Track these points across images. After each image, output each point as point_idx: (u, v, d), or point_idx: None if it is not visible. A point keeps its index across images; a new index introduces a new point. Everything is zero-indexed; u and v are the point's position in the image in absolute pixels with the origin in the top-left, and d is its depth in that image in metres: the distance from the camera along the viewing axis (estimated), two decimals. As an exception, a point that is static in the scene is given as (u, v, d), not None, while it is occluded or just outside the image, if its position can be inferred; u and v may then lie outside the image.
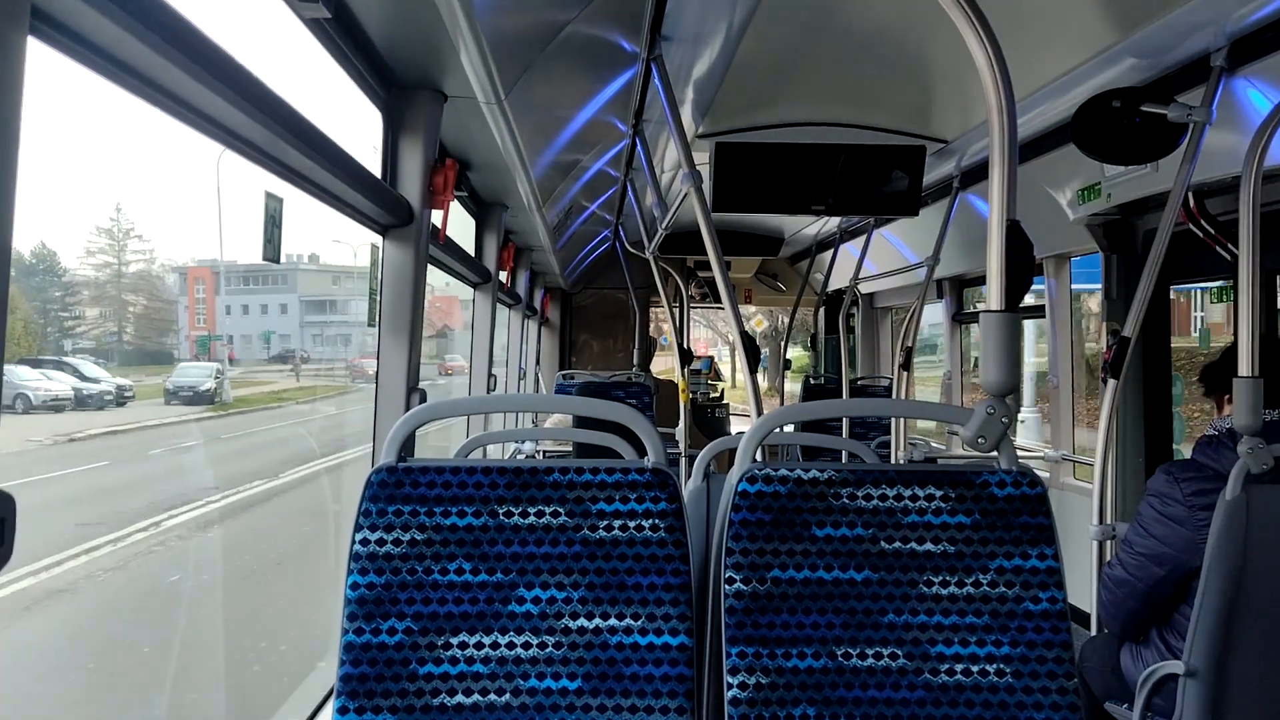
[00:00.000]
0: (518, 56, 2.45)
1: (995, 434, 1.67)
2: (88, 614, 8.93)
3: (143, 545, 10.51)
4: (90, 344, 23.13)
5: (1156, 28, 2.86)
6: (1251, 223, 2.53)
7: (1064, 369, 5.26)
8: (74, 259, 33.90)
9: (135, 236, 25.59)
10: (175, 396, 18.69)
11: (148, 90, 1.38)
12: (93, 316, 24.24)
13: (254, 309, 37.06)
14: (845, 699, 1.71)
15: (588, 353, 9.88)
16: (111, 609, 9.12)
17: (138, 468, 14.28)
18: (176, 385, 19.13)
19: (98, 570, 9.63)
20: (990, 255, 1.60)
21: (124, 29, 1.19)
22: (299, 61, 2.53)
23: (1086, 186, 4.13)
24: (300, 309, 37.47)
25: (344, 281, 37.79)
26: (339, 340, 38.06)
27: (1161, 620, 2.73)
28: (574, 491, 1.75)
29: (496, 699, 1.70)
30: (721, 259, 2.86)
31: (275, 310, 37.09)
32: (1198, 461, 2.65)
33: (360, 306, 38.20)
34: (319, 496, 14.03)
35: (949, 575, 1.74)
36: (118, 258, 25.71)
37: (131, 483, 13.41)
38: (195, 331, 33.01)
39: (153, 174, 50.01)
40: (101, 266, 25.45)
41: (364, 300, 14.59)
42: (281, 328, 36.38)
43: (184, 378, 20.08)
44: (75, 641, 8.28)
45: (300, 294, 36.77)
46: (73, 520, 10.66)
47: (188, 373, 20.90)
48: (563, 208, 5.07)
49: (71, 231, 45.00)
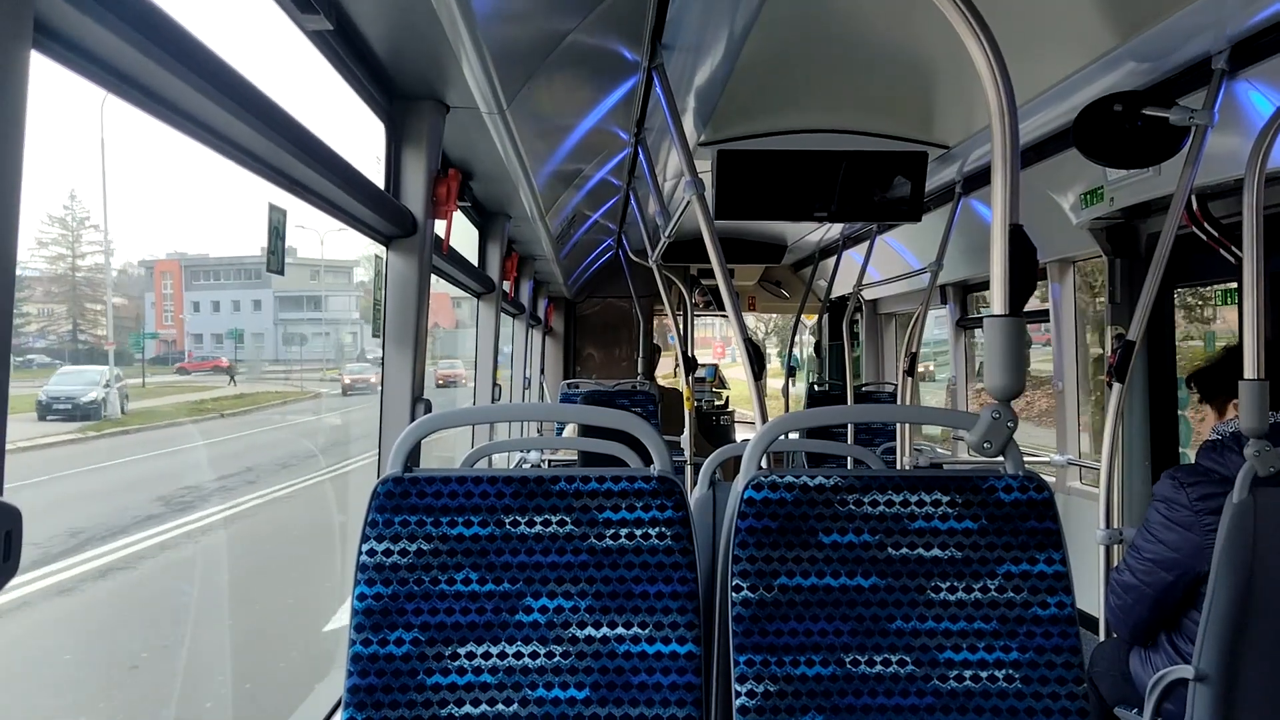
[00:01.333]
0: (519, 66, 2.46)
1: (1001, 439, 1.67)
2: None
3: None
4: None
5: (1157, 31, 2.86)
6: (1255, 225, 2.52)
7: (1069, 373, 5.25)
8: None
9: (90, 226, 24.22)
10: (50, 410, 14.66)
11: (151, 104, 1.38)
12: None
13: (225, 305, 35.42)
14: (854, 706, 1.70)
15: (592, 362, 9.88)
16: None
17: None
18: (51, 396, 15.07)
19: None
20: (993, 260, 1.60)
21: (127, 42, 1.20)
22: (302, 73, 2.54)
23: (1089, 190, 4.13)
24: (275, 305, 35.89)
25: (324, 276, 36.39)
26: (310, 340, 36.08)
27: (1170, 625, 2.72)
28: (580, 500, 1.75)
29: (505, 709, 1.70)
30: (725, 267, 2.86)
31: (248, 307, 35.34)
32: (1203, 466, 2.64)
33: (340, 302, 37.19)
34: (166, 583, 8.56)
35: (957, 581, 1.73)
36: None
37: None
38: (164, 330, 31.70)
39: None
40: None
41: (344, 295, 14.58)
42: (254, 326, 34.72)
43: (61, 386, 15.78)
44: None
45: (275, 290, 35.21)
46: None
47: (67, 381, 16.40)
48: (565, 217, 5.08)
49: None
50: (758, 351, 2.86)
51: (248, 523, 11.58)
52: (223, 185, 51.06)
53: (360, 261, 34.92)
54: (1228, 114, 2.96)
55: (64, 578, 8.39)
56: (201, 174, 28.29)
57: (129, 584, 8.73)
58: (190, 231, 59.18)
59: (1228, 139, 3.07)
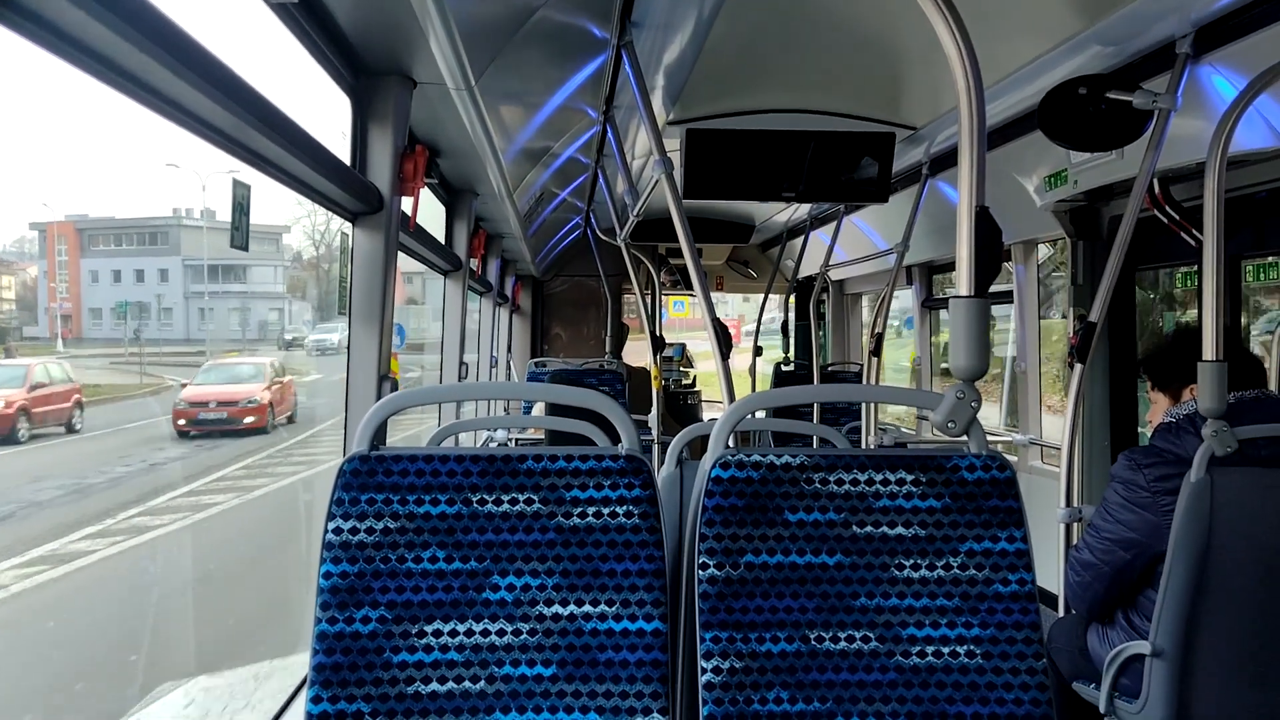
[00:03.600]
0: (487, 42, 2.44)
1: (965, 418, 1.69)
2: None
3: None
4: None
5: (1122, 15, 2.88)
6: (1216, 209, 2.56)
7: (1032, 354, 5.31)
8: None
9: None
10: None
11: (111, 75, 1.36)
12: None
13: (127, 275, 31.01)
14: (818, 682, 1.72)
15: (559, 341, 9.86)
16: None
17: None
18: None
19: None
20: (960, 241, 1.62)
21: (86, 12, 1.17)
22: (266, 47, 2.50)
23: (1054, 173, 4.17)
24: (185, 275, 31.61)
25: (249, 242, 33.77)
26: (226, 316, 31.50)
27: (1127, 602, 2.77)
28: (548, 479, 1.75)
29: (471, 686, 1.70)
30: (693, 246, 2.86)
31: (153, 277, 31.14)
32: (1158, 448, 2.69)
33: (262, 274, 32.95)
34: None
35: (919, 559, 1.76)
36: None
37: None
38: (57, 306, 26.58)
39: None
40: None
41: (269, 267, 14.15)
42: (160, 298, 30.46)
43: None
44: None
45: (185, 257, 31.11)
46: None
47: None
48: (533, 195, 5.05)
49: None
50: (725, 332, 2.86)
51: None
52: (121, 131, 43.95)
53: (290, 227, 31.47)
54: (1190, 98, 3.00)
55: None
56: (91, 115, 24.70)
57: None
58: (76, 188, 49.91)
59: (1190, 123, 3.10)
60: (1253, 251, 3.86)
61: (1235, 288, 4.02)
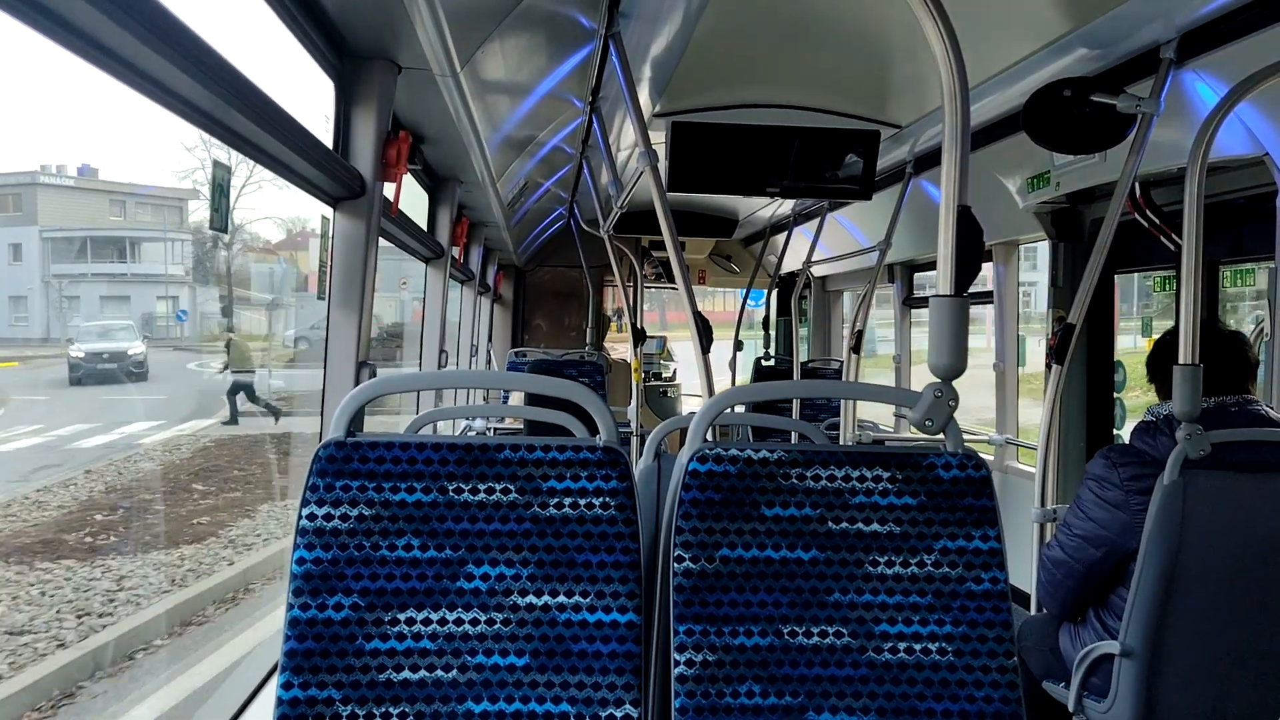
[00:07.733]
0: (474, 28, 2.42)
1: (942, 417, 1.69)
2: None
3: None
4: None
5: (1108, 19, 2.90)
6: (1195, 214, 2.58)
7: (1010, 354, 5.34)
8: None
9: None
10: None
11: (87, 49, 1.34)
12: None
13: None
14: (790, 676, 1.73)
15: (540, 331, 9.84)
16: None
17: None
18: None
19: None
20: (941, 240, 1.62)
21: None
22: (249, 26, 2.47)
23: (1036, 175, 4.19)
24: (45, 253, 23.17)
25: (132, 210, 22.88)
26: (101, 307, 22.50)
27: (1098, 601, 2.79)
28: (525, 469, 1.75)
29: (444, 675, 1.69)
30: (676, 239, 2.86)
31: (2, 254, 22.39)
32: (1135, 447, 2.71)
33: (156, 251, 24.34)
34: None
35: (894, 555, 1.76)
36: None
37: None
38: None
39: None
40: None
41: (167, 244, 12.53)
42: (8, 284, 22.30)
43: None
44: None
45: (42, 227, 22.95)
46: None
47: None
48: (517, 184, 5.03)
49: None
50: (707, 325, 2.86)
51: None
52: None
53: (198, 192, 22.03)
54: (1173, 103, 3.01)
55: None
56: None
57: None
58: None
59: (1172, 128, 3.12)
60: (1230, 257, 3.89)
61: (1213, 292, 4.06)
